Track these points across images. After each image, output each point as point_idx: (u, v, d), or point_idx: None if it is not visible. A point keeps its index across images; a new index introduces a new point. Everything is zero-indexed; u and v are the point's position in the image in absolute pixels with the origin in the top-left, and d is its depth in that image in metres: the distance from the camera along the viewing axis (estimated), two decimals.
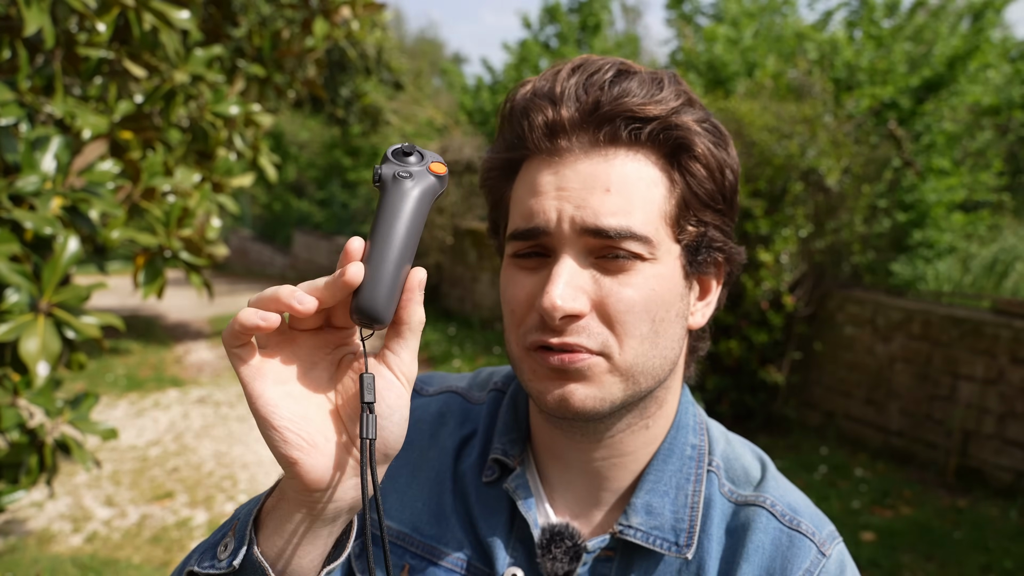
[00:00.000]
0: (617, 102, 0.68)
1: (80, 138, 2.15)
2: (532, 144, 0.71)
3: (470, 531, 0.80)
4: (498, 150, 0.77)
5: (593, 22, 10.89)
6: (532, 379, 0.72)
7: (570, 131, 0.70)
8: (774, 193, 5.59)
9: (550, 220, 0.68)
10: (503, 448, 0.82)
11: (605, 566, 0.76)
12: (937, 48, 7.09)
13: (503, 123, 0.77)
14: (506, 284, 0.74)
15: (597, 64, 0.72)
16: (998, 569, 3.74)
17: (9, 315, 1.72)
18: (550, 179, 0.70)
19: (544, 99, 0.71)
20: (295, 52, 3.51)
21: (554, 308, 0.65)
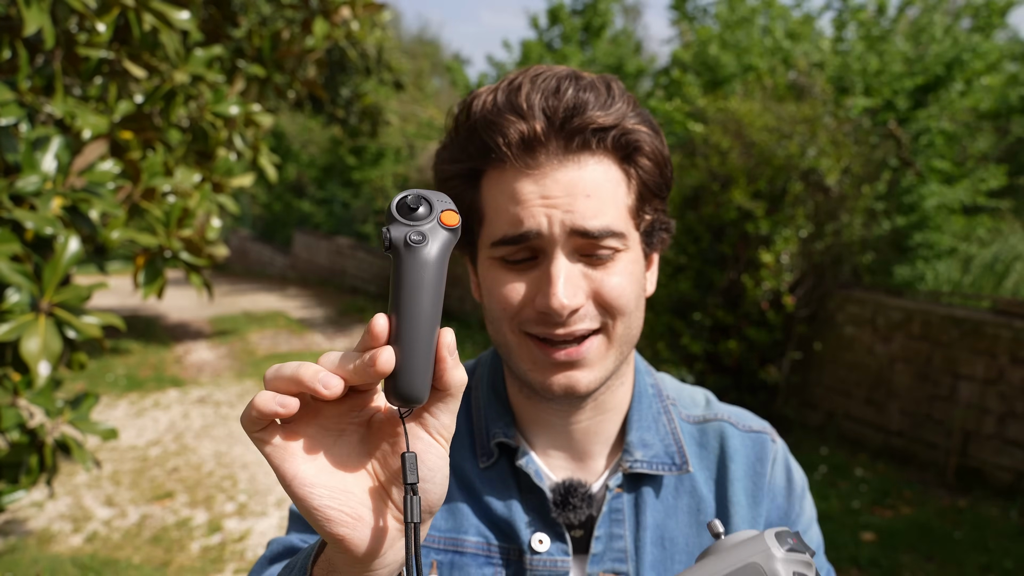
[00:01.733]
0: (583, 115, 0.76)
1: (80, 138, 2.15)
2: (506, 156, 0.76)
3: (484, 515, 0.86)
4: (459, 159, 0.81)
5: (599, 23, 10.88)
6: (532, 369, 0.80)
7: (544, 143, 0.76)
8: (774, 193, 5.60)
9: (541, 225, 0.75)
10: (502, 431, 0.88)
11: (618, 501, 0.85)
12: (934, 49, 7.08)
13: (463, 134, 0.81)
14: (493, 285, 0.80)
15: (554, 75, 0.78)
16: (998, 569, 3.74)
17: (10, 315, 1.72)
18: (532, 188, 0.76)
19: (511, 113, 0.76)
20: (295, 52, 3.51)
21: (562, 307, 0.74)
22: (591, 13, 10.97)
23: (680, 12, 10.01)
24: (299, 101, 8.19)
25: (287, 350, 8.72)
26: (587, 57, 10.49)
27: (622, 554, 0.83)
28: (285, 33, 3.61)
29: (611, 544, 0.83)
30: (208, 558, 3.91)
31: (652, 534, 0.83)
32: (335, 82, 9.71)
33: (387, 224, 0.53)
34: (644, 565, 0.82)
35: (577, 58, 10.19)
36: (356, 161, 14.17)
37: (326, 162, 15.82)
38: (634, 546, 0.83)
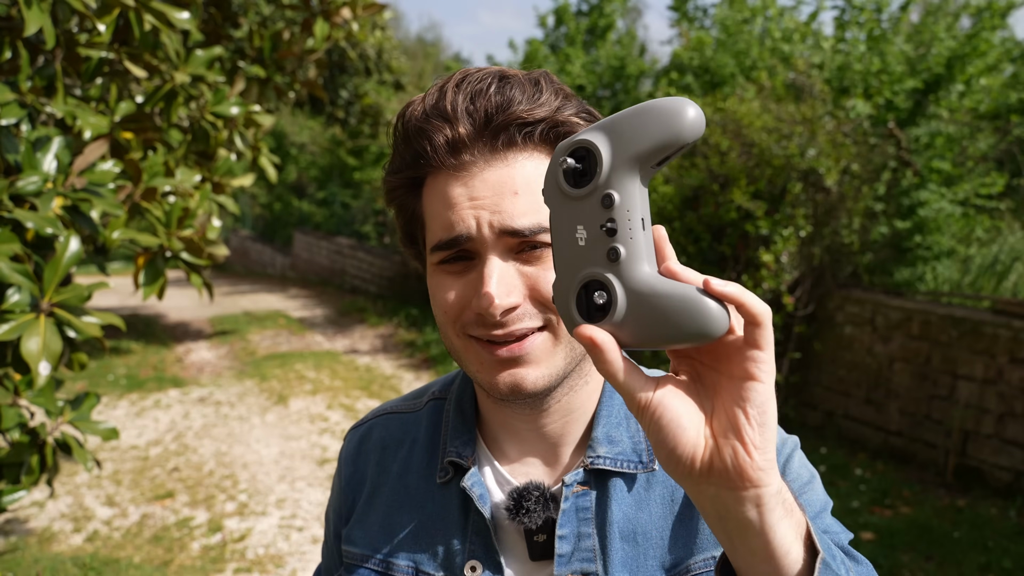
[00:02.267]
0: (507, 111, 0.75)
1: (81, 138, 2.16)
2: (436, 162, 0.77)
3: (425, 538, 0.87)
4: (399, 169, 0.82)
5: (604, 24, 10.87)
6: (480, 370, 0.79)
7: (470, 145, 0.76)
8: (774, 194, 5.60)
9: (470, 228, 0.75)
10: (456, 451, 0.88)
11: (584, 499, 0.83)
12: (935, 49, 7.08)
13: (400, 143, 0.82)
14: (436, 290, 0.81)
15: (478, 77, 0.78)
16: (997, 568, 3.75)
17: (10, 315, 1.72)
18: (461, 191, 0.76)
19: (438, 118, 0.77)
20: (295, 53, 3.52)
21: (494, 308, 0.73)
22: (596, 15, 10.97)
23: (680, 12, 10.01)
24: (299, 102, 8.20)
25: (287, 350, 8.73)
26: (591, 58, 10.49)
27: (590, 553, 0.81)
28: (285, 34, 3.62)
29: (579, 544, 0.82)
30: (208, 558, 3.92)
31: (620, 530, 0.82)
32: (335, 83, 9.72)
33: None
34: (613, 563, 0.81)
35: (580, 59, 10.18)
36: (356, 161, 14.18)
37: (326, 162, 15.83)
38: (600, 544, 0.82)
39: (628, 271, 0.55)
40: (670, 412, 0.55)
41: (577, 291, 0.57)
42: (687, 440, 0.55)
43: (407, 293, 11.42)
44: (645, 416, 0.56)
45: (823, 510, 0.82)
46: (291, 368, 7.84)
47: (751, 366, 0.54)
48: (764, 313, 0.53)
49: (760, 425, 0.54)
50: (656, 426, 0.56)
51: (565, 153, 0.57)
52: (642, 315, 0.55)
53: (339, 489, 0.99)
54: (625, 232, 0.55)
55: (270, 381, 7.33)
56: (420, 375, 7.70)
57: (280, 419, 6.19)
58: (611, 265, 0.55)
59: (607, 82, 10.06)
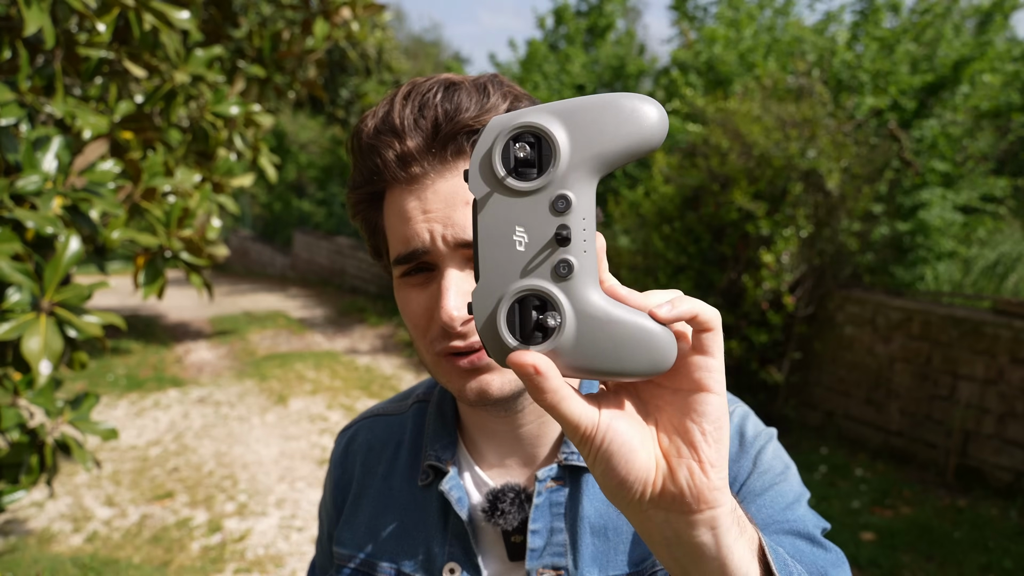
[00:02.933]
0: (454, 120, 0.74)
1: (80, 138, 2.15)
2: (389, 176, 0.77)
3: (406, 539, 0.89)
4: (359, 184, 0.82)
5: (604, 24, 10.87)
6: (450, 380, 0.80)
7: (420, 158, 0.76)
8: (774, 194, 5.60)
9: (425, 241, 0.75)
10: (436, 454, 0.90)
11: (558, 494, 0.84)
12: (941, 50, 7.08)
13: (357, 160, 0.82)
14: (403, 303, 0.81)
15: (425, 87, 0.78)
16: (998, 569, 3.74)
17: (11, 314, 1.72)
18: (415, 204, 0.76)
19: (388, 133, 0.77)
20: (295, 53, 3.51)
21: (451, 320, 0.73)
22: (596, 14, 10.97)
23: (680, 12, 10.01)
24: (299, 101, 8.19)
25: (287, 350, 8.72)
26: (590, 58, 10.49)
27: (561, 548, 0.82)
28: (285, 34, 3.62)
29: (551, 539, 0.82)
30: (208, 558, 3.92)
31: (592, 525, 0.82)
32: (335, 83, 9.72)
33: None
34: (583, 558, 0.81)
35: (580, 59, 10.18)
36: None
37: (326, 162, 15.83)
38: (571, 540, 0.82)
39: (578, 290, 0.48)
40: (620, 437, 0.49)
41: (509, 304, 0.49)
42: (639, 466, 0.50)
43: None
44: (592, 446, 0.49)
45: (796, 500, 0.81)
46: (291, 368, 7.84)
47: (703, 376, 0.50)
48: (715, 318, 0.50)
49: (716, 441, 0.50)
50: (605, 455, 0.49)
51: (508, 134, 0.48)
52: (588, 343, 0.48)
53: (329, 491, 1.01)
54: (579, 243, 0.48)
55: (270, 381, 7.33)
56: (420, 375, 7.69)
57: (280, 419, 6.18)
58: (559, 280, 0.48)
59: (607, 81, 10.06)
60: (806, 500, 0.82)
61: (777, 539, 0.75)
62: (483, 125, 0.73)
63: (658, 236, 5.96)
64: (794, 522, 0.78)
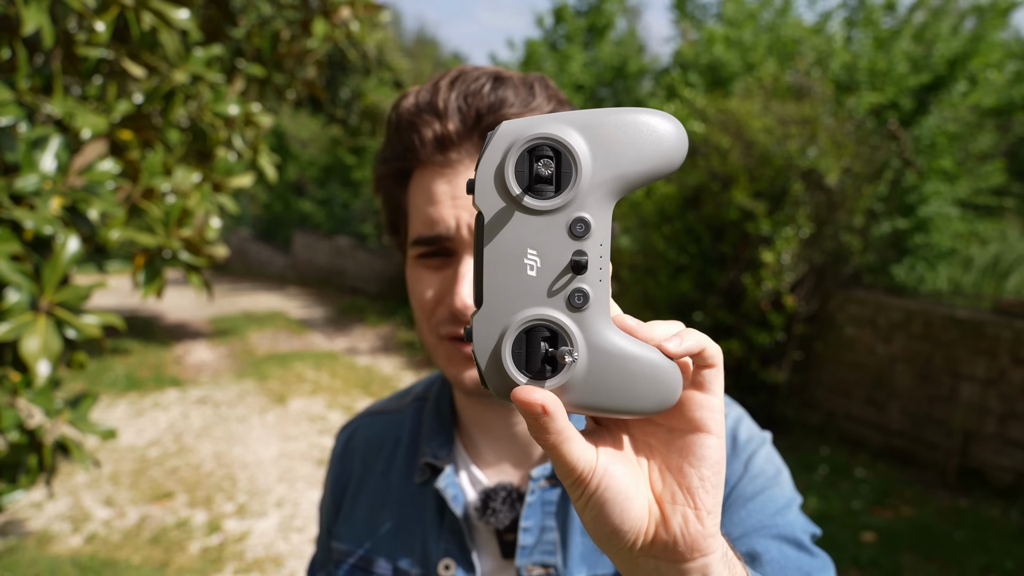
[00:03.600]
0: (497, 113, 0.75)
1: (79, 138, 2.15)
2: (423, 156, 0.77)
3: (403, 536, 0.89)
4: (388, 159, 0.83)
5: (603, 23, 10.87)
6: (448, 365, 0.81)
7: (457, 142, 0.76)
8: (775, 194, 5.59)
9: (450, 227, 0.76)
10: (432, 452, 0.90)
11: (550, 493, 0.84)
12: (938, 49, 7.08)
13: (391, 134, 0.82)
14: (414, 282, 0.82)
15: (474, 75, 0.78)
16: (999, 569, 3.74)
17: (10, 314, 1.71)
18: (445, 188, 0.77)
19: (429, 113, 0.77)
20: (295, 52, 3.51)
21: (465, 307, 0.74)
22: (595, 14, 10.97)
23: (681, 12, 10.00)
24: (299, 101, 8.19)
25: (287, 350, 8.72)
26: (590, 57, 10.48)
27: (551, 546, 0.82)
28: (285, 33, 3.61)
29: (542, 537, 0.83)
30: (208, 558, 3.91)
31: (581, 525, 0.81)
32: (335, 82, 9.71)
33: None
34: (572, 556, 0.81)
35: (580, 58, 10.18)
36: (356, 161, 14.17)
37: (326, 162, 15.82)
38: (561, 538, 0.82)
39: (592, 323, 0.45)
40: (616, 484, 0.46)
41: (516, 335, 0.45)
42: (634, 516, 0.46)
43: (407, 293, 11.40)
44: (586, 491, 0.46)
45: (787, 505, 0.80)
46: (290, 368, 7.83)
47: (703, 416, 0.47)
48: (719, 354, 0.47)
49: (714, 487, 0.47)
50: (599, 501, 0.46)
51: (524, 144, 0.44)
52: (598, 380, 0.45)
53: (328, 487, 1.02)
54: (595, 271, 0.44)
55: (269, 381, 7.32)
56: (420, 375, 7.69)
57: (279, 419, 6.18)
58: (573, 310, 0.44)
59: (607, 81, 10.06)
60: (797, 505, 0.81)
61: (765, 543, 0.75)
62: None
63: (659, 236, 5.95)
64: (783, 527, 0.77)
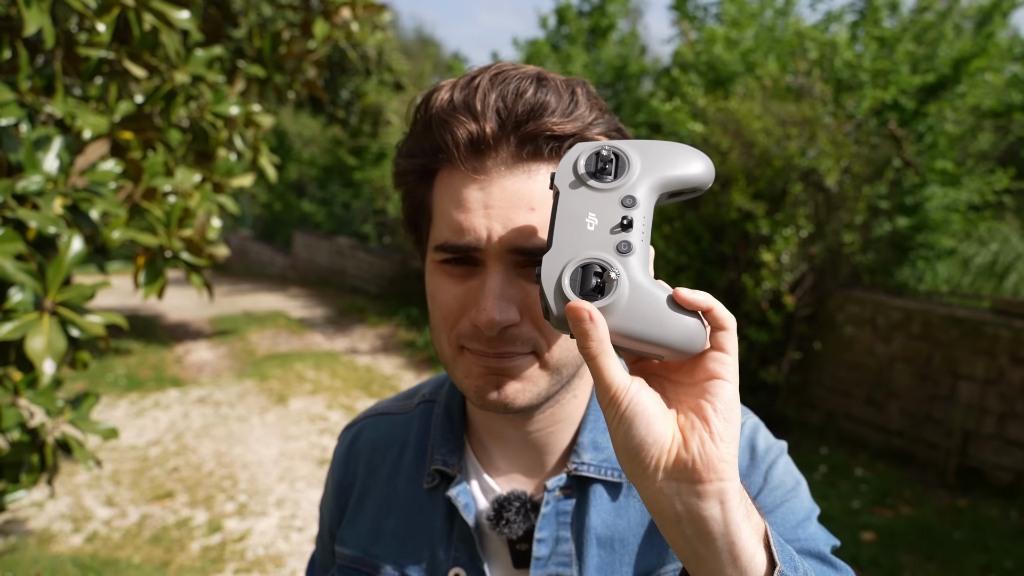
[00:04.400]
0: (539, 121, 0.70)
1: (80, 138, 2.15)
2: (455, 157, 0.72)
3: (411, 542, 0.87)
4: (414, 155, 0.78)
5: (606, 24, 10.88)
6: (466, 378, 0.76)
7: (494, 147, 0.71)
8: (774, 194, 5.60)
9: (480, 238, 0.71)
10: (443, 459, 0.88)
11: (565, 504, 0.82)
12: (942, 50, 7.08)
13: (420, 128, 0.77)
14: (435, 290, 0.77)
15: (514, 75, 0.73)
16: (998, 569, 3.74)
17: (14, 314, 1.72)
18: (477, 196, 0.71)
19: (465, 112, 0.72)
20: (295, 53, 3.51)
21: (492, 323, 0.69)
22: (598, 14, 10.97)
23: (681, 12, 10.01)
24: (299, 102, 8.19)
25: (287, 350, 8.72)
26: (592, 58, 10.49)
27: (567, 558, 0.81)
28: (285, 34, 3.61)
29: (557, 548, 0.81)
30: (208, 558, 3.92)
31: (598, 536, 0.81)
32: (335, 83, 9.71)
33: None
34: (588, 568, 0.80)
35: (582, 59, 10.19)
36: (356, 161, 14.18)
37: (327, 162, 15.83)
38: (577, 550, 0.81)
39: (633, 265, 0.56)
40: (644, 401, 0.54)
41: (575, 268, 0.56)
42: (658, 431, 0.53)
43: (407, 293, 11.42)
44: (620, 405, 0.54)
45: (807, 518, 0.80)
46: (291, 368, 7.84)
47: (717, 367, 0.55)
48: (730, 319, 0.56)
49: (727, 420, 0.54)
50: (629, 414, 0.53)
51: (593, 148, 0.60)
52: (636, 310, 0.55)
53: (331, 490, 1.00)
54: (639, 231, 0.57)
55: (270, 381, 7.33)
56: (420, 375, 7.69)
57: (280, 419, 6.18)
58: (620, 255, 0.56)
59: (608, 81, 10.07)
60: (816, 517, 0.81)
61: None
62: (564, 132, 0.71)
63: (658, 235, 5.96)
64: (805, 540, 0.77)
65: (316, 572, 1.03)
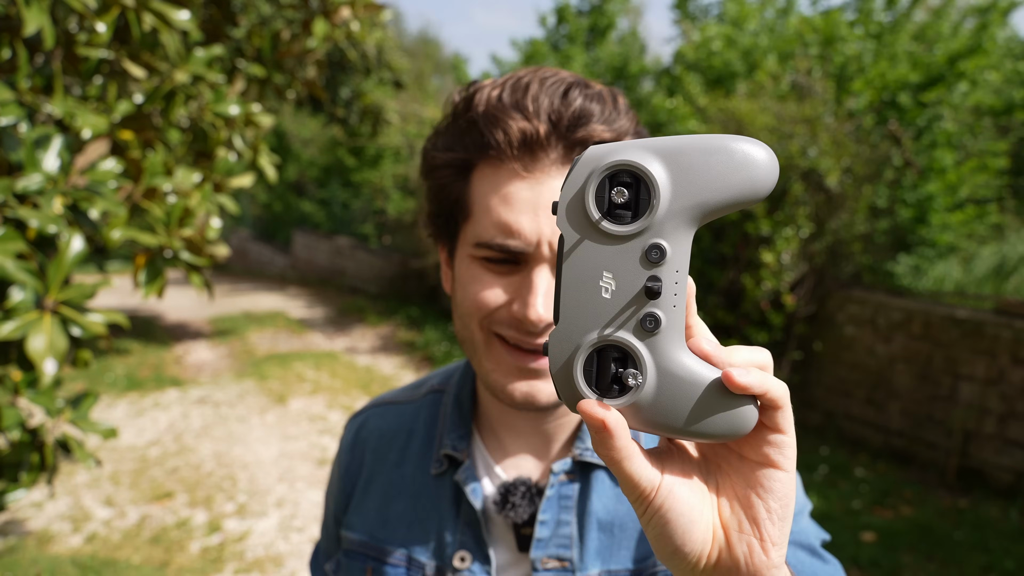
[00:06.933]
0: (587, 125, 0.72)
1: (80, 138, 2.15)
2: (506, 154, 0.73)
3: (418, 527, 0.89)
4: (453, 148, 0.78)
5: (605, 23, 10.88)
6: (494, 370, 0.78)
7: (546, 147, 0.73)
8: (775, 193, 5.60)
9: (530, 243, 0.72)
10: (452, 444, 0.90)
11: (569, 488, 0.84)
12: (939, 47, 7.09)
13: (461, 124, 0.78)
14: (470, 281, 0.78)
15: (563, 80, 0.75)
16: (999, 569, 3.74)
17: (15, 313, 1.72)
18: (527, 195, 0.73)
19: (516, 110, 0.73)
20: (295, 52, 3.51)
21: (539, 320, 0.72)
22: (597, 14, 10.98)
23: (682, 12, 10.01)
24: (299, 101, 8.19)
25: (287, 350, 8.72)
26: (591, 57, 10.49)
27: (567, 540, 0.83)
28: (285, 33, 3.61)
29: (558, 530, 0.83)
30: (208, 558, 3.91)
31: (599, 520, 0.83)
32: (335, 82, 9.71)
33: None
34: (588, 551, 0.82)
35: (581, 59, 10.18)
36: (355, 162, 14.18)
37: (326, 162, 15.83)
38: (578, 532, 0.83)
39: (663, 347, 0.45)
40: (680, 504, 0.47)
41: (587, 354, 0.46)
42: (697, 537, 0.47)
43: (407, 293, 11.42)
44: (650, 508, 0.47)
45: (800, 513, 0.82)
46: (291, 368, 7.84)
47: (773, 452, 0.48)
48: (785, 395, 0.48)
49: (781, 520, 0.48)
50: (663, 520, 0.47)
51: (605, 171, 0.45)
52: (667, 402, 0.46)
53: (338, 476, 1.01)
54: (669, 297, 0.45)
55: (269, 381, 7.33)
56: (420, 375, 7.69)
57: (279, 419, 6.18)
58: (644, 334, 0.45)
59: (608, 81, 10.06)
60: (808, 512, 0.83)
61: None
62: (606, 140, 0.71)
63: None
64: (796, 533, 0.79)
65: (320, 559, 1.04)
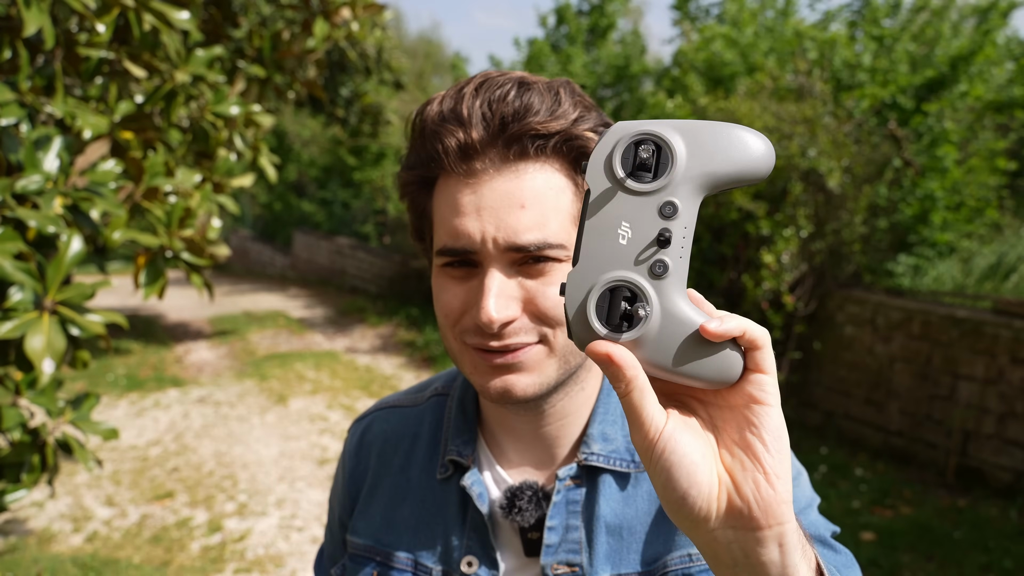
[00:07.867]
0: (522, 122, 0.73)
1: (80, 138, 2.15)
2: (447, 165, 0.76)
3: (424, 531, 0.89)
4: (413, 166, 0.81)
5: (605, 24, 10.89)
6: (474, 373, 0.80)
7: (482, 151, 0.74)
8: (775, 194, 5.60)
9: (474, 241, 0.74)
10: (457, 449, 0.90)
11: (575, 492, 0.85)
12: (939, 48, 7.09)
13: (416, 141, 0.81)
14: (439, 291, 0.81)
15: (498, 82, 0.76)
16: (998, 569, 3.74)
17: (14, 313, 1.72)
18: (470, 199, 0.75)
19: (453, 121, 0.75)
20: (295, 53, 3.51)
21: (491, 322, 0.73)
22: (597, 15, 10.98)
23: (682, 12, 10.01)
24: (299, 101, 8.20)
25: (287, 350, 8.72)
26: (591, 58, 10.49)
27: (576, 545, 0.83)
28: (285, 34, 3.61)
29: (567, 536, 0.83)
30: (208, 558, 3.92)
31: (607, 524, 0.83)
32: (335, 82, 9.71)
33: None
34: (598, 555, 0.82)
35: (581, 59, 10.19)
36: (356, 161, 14.18)
37: (326, 162, 15.84)
38: (587, 537, 0.83)
39: (668, 291, 0.50)
40: (683, 446, 0.49)
41: (601, 291, 0.51)
42: (701, 480, 0.49)
43: (407, 293, 11.42)
44: (656, 449, 0.49)
45: (809, 505, 0.83)
46: (291, 368, 7.84)
47: (756, 391, 0.50)
48: (764, 336, 0.50)
49: (778, 452, 0.50)
50: (668, 463, 0.49)
51: (632, 138, 0.52)
52: (669, 341, 0.50)
53: (343, 481, 1.01)
54: (677, 248, 0.50)
55: (270, 381, 7.33)
56: (420, 375, 7.69)
57: (280, 419, 6.18)
58: (653, 278, 0.50)
59: (609, 82, 10.07)
60: (817, 505, 0.84)
61: None
62: (548, 130, 0.74)
63: None
64: (807, 526, 0.79)
65: (325, 563, 1.04)
